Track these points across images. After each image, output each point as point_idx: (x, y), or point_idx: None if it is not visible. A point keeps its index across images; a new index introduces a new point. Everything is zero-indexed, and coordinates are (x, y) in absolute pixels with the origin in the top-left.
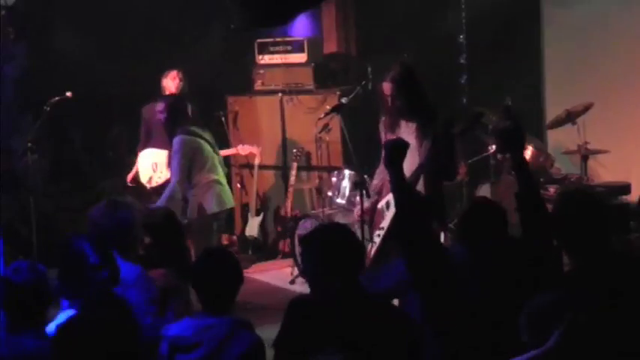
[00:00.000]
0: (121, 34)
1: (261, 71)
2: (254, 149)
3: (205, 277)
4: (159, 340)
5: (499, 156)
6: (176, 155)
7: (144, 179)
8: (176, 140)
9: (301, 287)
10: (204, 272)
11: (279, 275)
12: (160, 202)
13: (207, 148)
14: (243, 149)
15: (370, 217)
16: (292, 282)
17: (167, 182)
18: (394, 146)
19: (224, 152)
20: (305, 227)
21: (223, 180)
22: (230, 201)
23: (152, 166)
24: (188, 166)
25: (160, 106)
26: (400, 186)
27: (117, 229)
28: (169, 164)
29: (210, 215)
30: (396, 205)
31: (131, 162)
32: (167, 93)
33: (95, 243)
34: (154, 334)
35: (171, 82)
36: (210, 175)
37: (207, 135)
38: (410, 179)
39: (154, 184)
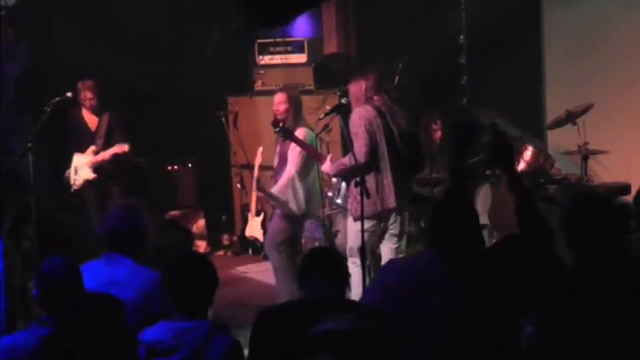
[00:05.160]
0: (121, 34)
1: (262, 71)
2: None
3: (181, 282)
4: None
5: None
6: (298, 147)
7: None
8: (300, 132)
9: None
10: (179, 277)
11: None
12: (277, 189)
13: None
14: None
15: None
16: None
17: (85, 183)
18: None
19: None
20: (305, 228)
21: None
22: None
23: (74, 169)
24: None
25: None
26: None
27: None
28: None
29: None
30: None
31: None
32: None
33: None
34: None
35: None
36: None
37: None
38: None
39: (74, 187)
